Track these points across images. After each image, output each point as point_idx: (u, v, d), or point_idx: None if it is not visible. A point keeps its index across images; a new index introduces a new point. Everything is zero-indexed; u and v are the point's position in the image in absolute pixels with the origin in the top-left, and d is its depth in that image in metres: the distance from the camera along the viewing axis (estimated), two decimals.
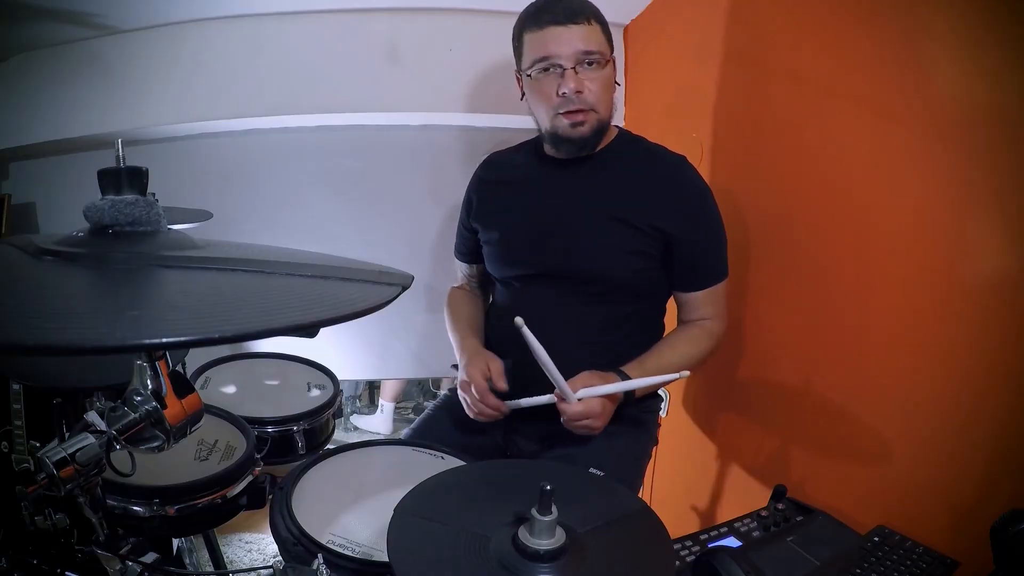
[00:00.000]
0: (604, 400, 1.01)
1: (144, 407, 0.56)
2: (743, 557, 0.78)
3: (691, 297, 1.13)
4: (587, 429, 1.02)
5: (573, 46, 1.01)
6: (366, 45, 1.64)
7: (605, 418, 1.02)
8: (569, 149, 1.10)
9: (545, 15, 1.03)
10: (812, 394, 1.14)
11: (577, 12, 1.01)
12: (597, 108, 1.04)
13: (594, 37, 1.02)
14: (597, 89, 1.03)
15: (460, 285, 1.38)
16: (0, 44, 1.59)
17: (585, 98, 1.03)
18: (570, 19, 1.01)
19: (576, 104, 1.03)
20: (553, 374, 0.97)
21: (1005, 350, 0.82)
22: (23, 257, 0.53)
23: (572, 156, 1.11)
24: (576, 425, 1.01)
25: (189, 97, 1.62)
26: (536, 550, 0.57)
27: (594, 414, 1.00)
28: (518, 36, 1.09)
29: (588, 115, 1.04)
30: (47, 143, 1.66)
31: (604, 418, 1.02)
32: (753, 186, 1.30)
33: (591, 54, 1.01)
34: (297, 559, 0.73)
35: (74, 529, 0.64)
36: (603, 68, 1.03)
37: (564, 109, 1.04)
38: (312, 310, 0.51)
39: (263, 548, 1.83)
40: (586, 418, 1.00)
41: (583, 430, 1.02)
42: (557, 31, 1.01)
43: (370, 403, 3.01)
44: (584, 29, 1.01)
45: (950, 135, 0.88)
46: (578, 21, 1.01)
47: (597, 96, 1.03)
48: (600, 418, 1.01)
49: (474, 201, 1.26)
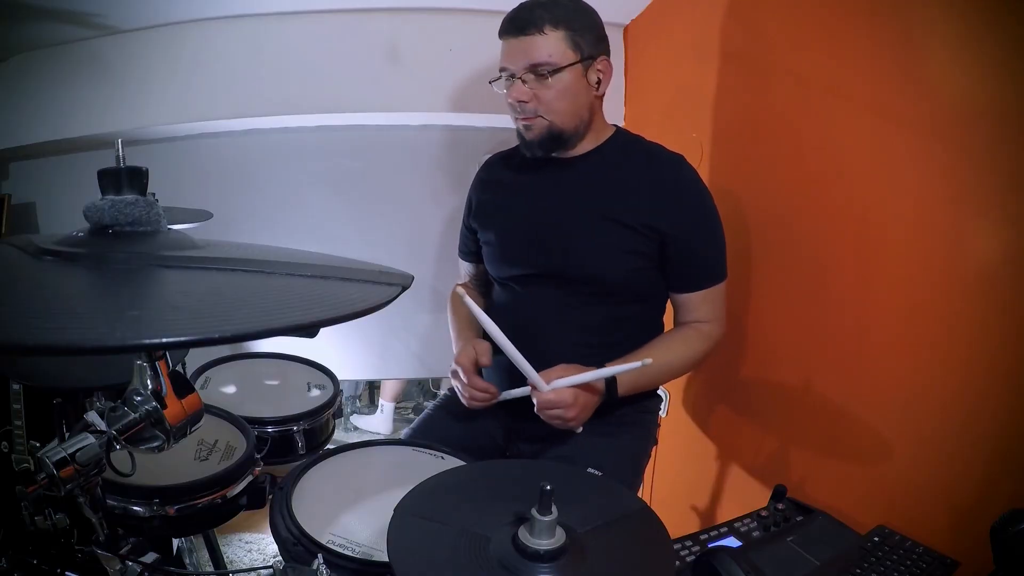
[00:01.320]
0: (578, 391, 1.00)
1: (144, 407, 0.56)
2: (743, 557, 0.78)
3: (687, 298, 1.12)
4: (560, 420, 1.01)
5: (520, 58, 1.04)
6: (366, 45, 1.64)
7: (579, 410, 1.01)
8: (528, 151, 1.13)
9: (504, 27, 1.07)
10: (812, 394, 1.14)
11: (529, 23, 1.03)
12: (546, 116, 1.07)
13: (547, 47, 1.03)
14: (549, 98, 1.05)
15: (464, 283, 1.38)
16: (0, 44, 1.59)
17: (530, 107, 1.06)
18: (520, 31, 1.04)
19: (524, 112, 1.07)
20: (518, 361, 0.99)
21: (1005, 350, 0.82)
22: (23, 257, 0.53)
23: (533, 157, 1.13)
24: (548, 414, 1.00)
25: (189, 97, 1.62)
26: (536, 550, 0.57)
27: (565, 404, 0.99)
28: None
29: (534, 121, 1.08)
30: (47, 143, 1.66)
31: (578, 410, 1.01)
32: (753, 186, 1.30)
33: (540, 65, 1.03)
34: (297, 559, 0.73)
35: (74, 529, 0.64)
36: (556, 76, 1.04)
37: (516, 115, 1.10)
38: (312, 310, 0.51)
39: (263, 548, 1.83)
40: (557, 407, 0.99)
41: (556, 421, 1.01)
42: (510, 43, 1.06)
43: (370, 403, 3.01)
44: (535, 40, 1.03)
45: (950, 135, 0.88)
46: (528, 32, 1.03)
47: (548, 105, 1.06)
48: (573, 408, 1.00)
49: (473, 201, 1.28)
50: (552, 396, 0.99)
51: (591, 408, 1.04)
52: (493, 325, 0.99)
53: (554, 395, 0.99)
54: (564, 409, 1.00)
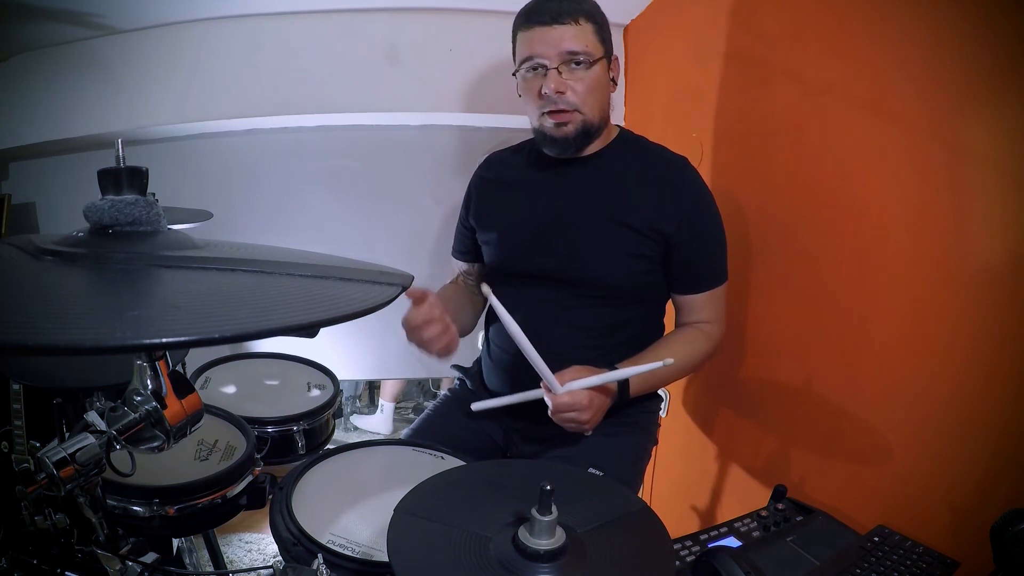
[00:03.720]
0: (592, 393, 0.98)
1: (144, 407, 0.56)
2: (743, 557, 0.78)
3: (689, 300, 1.12)
4: (575, 423, 0.99)
5: (557, 46, 1.01)
6: (366, 45, 1.64)
7: (593, 413, 0.99)
8: (554, 149, 1.10)
9: (533, 15, 1.04)
10: (812, 394, 1.14)
11: (564, 12, 1.01)
12: (581, 109, 1.05)
13: (581, 37, 1.02)
14: (582, 90, 1.03)
15: (454, 280, 1.37)
16: (0, 44, 1.59)
17: (567, 98, 1.03)
18: (556, 19, 1.01)
19: (558, 104, 1.04)
20: (537, 363, 0.96)
21: (1005, 350, 0.82)
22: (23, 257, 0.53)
23: (560, 156, 1.11)
24: (563, 417, 0.98)
25: (189, 97, 1.62)
26: (536, 550, 0.57)
27: (580, 406, 0.97)
28: (513, 36, 1.10)
29: (571, 116, 1.05)
30: (47, 143, 1.66)
31: (592, 412, 0.99)
32: (753, 186, 1.30)
33: (576, 54, 1.02)
34: (297, 559, 0.73)
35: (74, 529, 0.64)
36: (590, 68, 1.03)
37: (547, 109, 1.05)
38: (312, 310, 0.50)
39: (263, 548, 1.83)
40: (572, 410, 0.97)
41: (571, 424, 0.99)
42: (542, 31, 1.02)
43: (370, 403, 3.01)
44: (571, 29, 1.01)
45: (950, 135, 0.88)
46: (564, 21, 1.01)
47: (581, 97, 1.04)
48: (587, 411, 0.98)
49: (473, 199, 1.26)
50: (568, 399, 0.96)
51: (604, 411, 1.03)
52: (514, 324, 0.95)
53: (569, 397, 0.96)
54: (579, 412, 0.97)
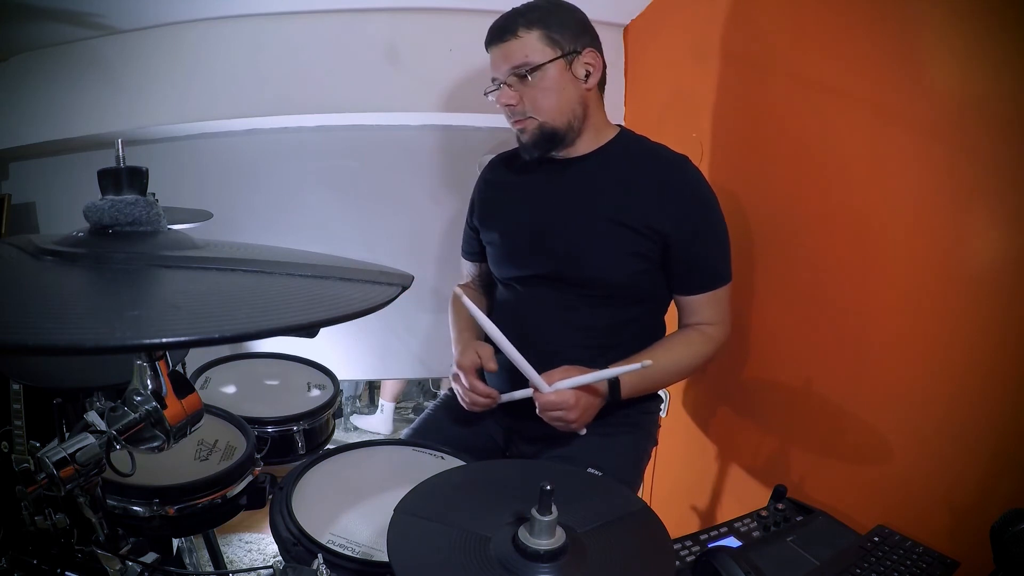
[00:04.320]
0: (579, 392, 1.00)
1: (144, 407, 0.56)
2: (743, 557, 0.78)
3: (690, 301, 1.12)
4: (562, 422, 1.01)
5: (502, 64, 1.07)
6: (366, 45, 1.64)
7: (581, 411, 1.01)
8: (526, 153, 1.14)
9: (487, 38, 1.10)
10: (812, 394, 1.14)
11: (504, 30, 1.06)
12: (535, 116, 1.08)
13: (522, 49, 1.05)
14: (534, 97, 1.07)
15: (466, 283, 1.38)
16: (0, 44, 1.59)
17: (517, 109, 1.08)
18: (498, 38, 1.07)
19: (513, 115, 1.10)
20: (520, 364, 0.99)
21: (1005, 350, 0.82)
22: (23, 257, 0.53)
23: (534, 159, 1.14)
24: (550, 416, 1.00)
25: (189, 97, 1.62)
26: (536, 550, 0.57)
27: (567, 405, 0.99)
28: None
29: (526, 122, 1.10)
30: (47, 143, 1.66)
31: (579, 411, 1.01)
32: (753, 186, 1.29)
33: (518, 67, 1.06)
34: (297, 559, 0.73)
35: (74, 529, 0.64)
36: (535, 74, 1.05)
37: (509, 119, 1.12)
38: (312, 310, 0.51)
39: (263, 548, 1.83)
40: (558, 408, 0.99)
41: (559, 423, 1.01)
42: (493, 51, 1.09)
43: (370, 403, 3.01)
44: (514, 43, 1.05)
45: (950, 135, 0.88)
46: (505, 39, 1.06)
47: (534, 103, 1.07)
48: (574, 410, 1.00)
49: (477, 201, 1.28)
50: (554, 397, 0.99)
51: (593, 410, 1.04)
52: (493, 326, 0.99)
53: (556, 396, 0.99)
54: (566, 411, 1.00)
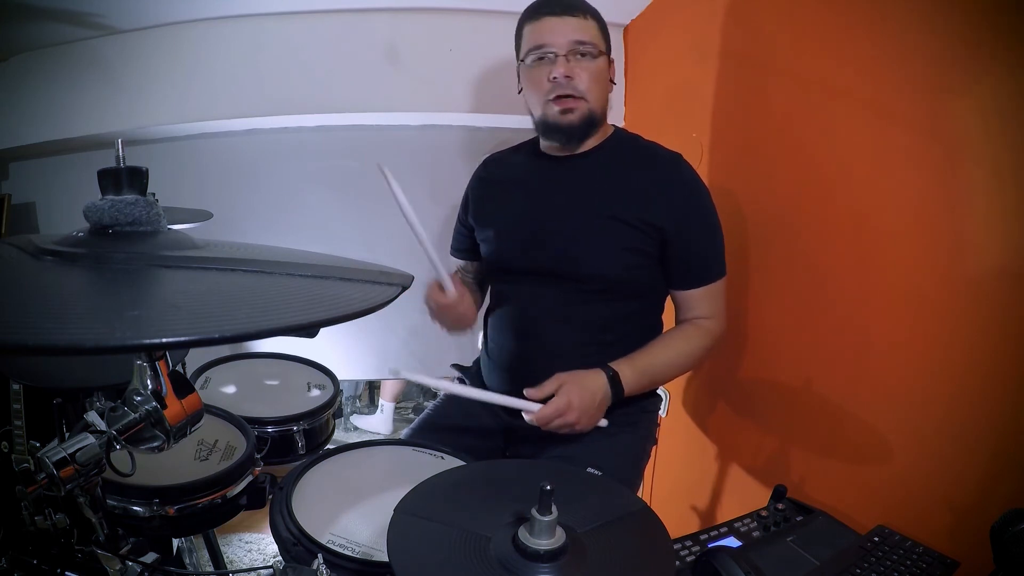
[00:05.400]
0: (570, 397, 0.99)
1: (144, 407, 0.56)
2: (743, 557, 0.78)
3: (687, 295, 1.12)
4: (566, 427, 1.00)
5: (566, 35, 1.05)
6: (366, 45, 1.64)
7: (579, 412, 0.99)
8: (559, 138, 1.11)
9: (544, 7, 1.07)
10: (812, 394, 1.14)
11: (574, 6, 1.06)
12: (587, 97, 1.07)
13: (588, 30, 1.06)
14: (587, 78, 1.06)
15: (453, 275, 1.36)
16: (0, 44, 1.59)
17: (575, 84, 1.05)
18: (566, 11, 1.06)
19: (565, 89, 1.05)
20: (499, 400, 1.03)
21: (1005, 350, 0.82)
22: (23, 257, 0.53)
23: (563, 147, 1.12)
24: (551, 427, 1.00)
25: (189, 97, 1.62)
26: (536, 550, 0.57)
27: (559, 411, 0.98)
28: (519, 30, 1.12)
29: (578, 103, 1.06)
30: (47, 143, 1.67)
31: (578, 412, 0.99)
32: (753, 185, 1.30)
33: (584, 44, 1.05)
34: (297, 559, 0.73)
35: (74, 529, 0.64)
36: (595, 60, 1.06)
37: (554, 95, 1.06)
38: (312, 310, 0.51)
39: (263, 548, 1.83)
40: (556, 417, 0.99)
41: (565, 430, 1.00)
42: (552, 21, 1.06)
43: (370, 403, 3.01)
44: (579, 21, 1.06)
45: (950, 135, 0.88)
46: (574, 14, 1.06)
47: (587, 85, 1.06)
48: (572, 412, 0.99)
49: (471, 199, 1.28)
50: (548, 410, 0.98)
51: (593, 404, 1.02)
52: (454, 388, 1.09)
53: (548, 408, 0.98)
54: (564, 416, 0.99)
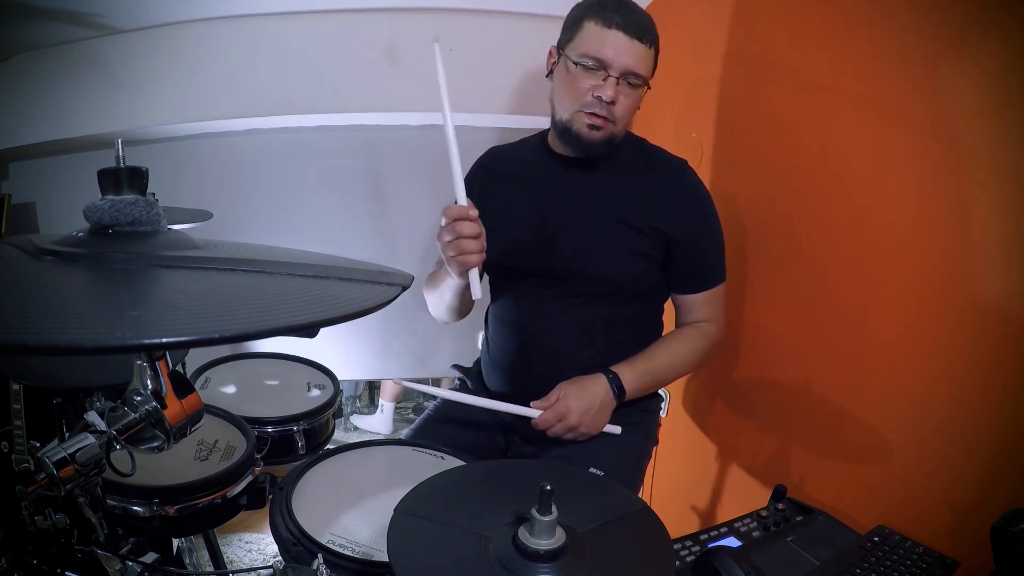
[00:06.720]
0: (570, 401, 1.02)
1: (144, 407, 0.56)
2: (743, 557, 0.78)
3: (689, 299, 1.14)
4: (570, 432, 1.03)
5: (627, 61, 1.00)
6: (366, 45, 1.64)
7: (580, 416, 1.02)
8: (576, 148, 1.09)
9: (617, 16, 1.00)
10: (812, 394, 1.14)
11: (646, 31, 1.01)
12: (617, 123, 1.05)
13: (647, 61, 1.03)
14: (626, 106, 1.04)
15: None
16: (0, 44, 1.59)
17: (613, 110, 1.03)
18: (636, 35, 1.00)
19: (603, 111, 1.03)
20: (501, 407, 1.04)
21: (1005, 350, 0.82)
22: (23, 257, 0.53)
23: (576, 155, 1.11)
24: (554, 432, 1.03)
25: (189, 97, 1.62)
26: (536, 550, 0.57)
27: (560, 416, 1.02)
28: (579, 17, 1.05)
29: (608, 125, 1.04)
30: (47, 143, 1.67)
31: (579, 415, 1.02)
32: (753, 186, 1.30)
33: (637, 76, 1.02)
34: (297, 559, 0.73)
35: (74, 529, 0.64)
36: (638, 89, 1.04)
37: (590, 109, 1.03)
38: (312, 310, 0.51)
39: (263, 548, 1.83)
40: (557, 421, 1.02)
41: (569, 434, 1.04)
42: (621, 40, 1.00)
43: (370, 403, 3.01)
44: (644, 50, 1.01)
45: (950, 135, 0.88)
46: (643, 40, 1.01)
47: (622, 113, 1.04)
48: (573, 415, 1.02)
49: (476, 188, 1.21)
50: (549, 415, 1.02)
51: (594, 408, 1.04)
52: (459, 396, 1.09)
53: (550, 414, 1.02)
54: (563, 420, 1.02)
